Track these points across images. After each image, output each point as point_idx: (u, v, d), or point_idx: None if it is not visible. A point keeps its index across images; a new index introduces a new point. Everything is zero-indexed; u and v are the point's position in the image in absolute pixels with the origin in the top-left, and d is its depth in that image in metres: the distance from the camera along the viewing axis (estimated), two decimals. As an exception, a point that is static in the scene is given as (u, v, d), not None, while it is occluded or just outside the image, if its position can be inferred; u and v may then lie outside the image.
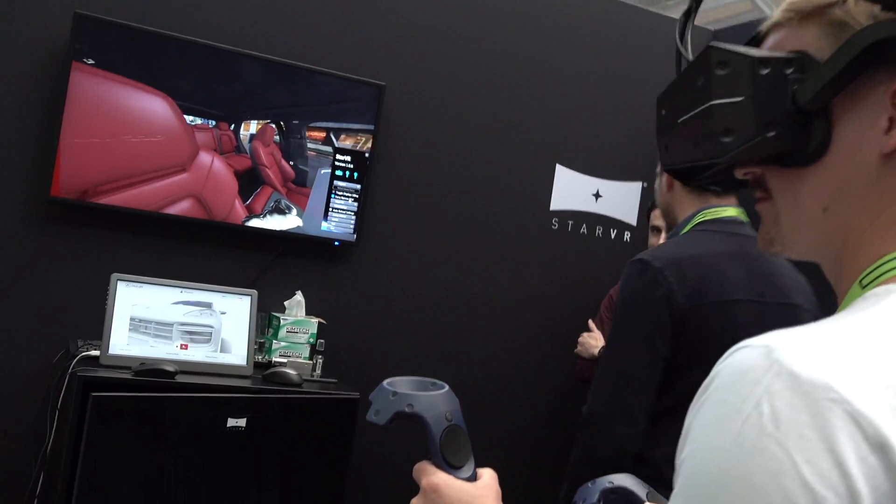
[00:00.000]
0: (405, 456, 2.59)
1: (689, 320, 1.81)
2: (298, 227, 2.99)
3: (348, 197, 3.07)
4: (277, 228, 2.96)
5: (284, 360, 2.79)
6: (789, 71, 0.70)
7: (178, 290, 2.59)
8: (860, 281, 0.68)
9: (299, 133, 2.98)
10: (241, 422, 2.30)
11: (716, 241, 1.90)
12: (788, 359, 0.54)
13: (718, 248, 1.88)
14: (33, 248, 2.71)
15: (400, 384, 0.92)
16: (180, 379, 2.36)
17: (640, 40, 3.59)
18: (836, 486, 0.51)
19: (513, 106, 3.37)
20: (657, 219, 3.13)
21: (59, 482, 2.15)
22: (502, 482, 0.91)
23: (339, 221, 3.07)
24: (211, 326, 2.60)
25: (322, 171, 3.01)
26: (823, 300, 1.89)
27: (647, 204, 3.31)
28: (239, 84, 2.87)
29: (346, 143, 3.04)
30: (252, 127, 2.91)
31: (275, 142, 2.95)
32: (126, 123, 2.72)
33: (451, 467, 0.88)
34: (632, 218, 3.68)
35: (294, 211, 2.98)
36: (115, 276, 2.50)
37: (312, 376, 2.79)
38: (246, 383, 2.51)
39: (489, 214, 3.35)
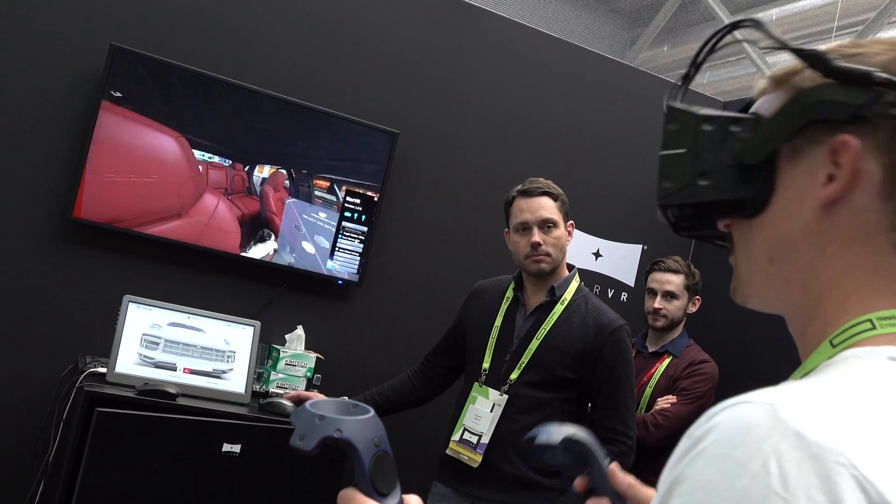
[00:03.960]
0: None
1: None
2: (297, 260, 3.09)
3: (354, 238, 3.17)
4: (258, 257, 3.05)
5: (281, 392, 2.86)
6: (737, 129, 0.77)
7: (186, 315, 2.66)
8: (830, 340, 0.70)
9: (309, 180, 3.09)
10: (237, 447, 2.35)
11: None
12: (795, 419, 0.55)
13: None
14: (53, 265, 2.80)
15: (324, 406, 0.88)
16: (181, 401, 2.41)
17: (649, 106, 3.69)
18: None
19: (520, 162, 3.47)
20: (654, 282, 3.21)
21: (58, 491, 2.20)
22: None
23: (343, 261, 3.16)
24: (213, 352, 2.67)
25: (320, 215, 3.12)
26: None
27: (646, 266, 3.38)
28: (259, 124, 2.99)
29: (357, 188, 3.15)
30: (265, 171, 3.02)
31: (284, 187, 3.06)
32: (139, 161, 2.84)
33: (380, 495, 0.86)
34: (630, 279, 3.75)
35: (273, 237, 3.07)
36: (126, 297, 2.58)
37: (307, 409, 2.86)
38: (243, 411, 2.56)
39: (491, 264, 3.43)
